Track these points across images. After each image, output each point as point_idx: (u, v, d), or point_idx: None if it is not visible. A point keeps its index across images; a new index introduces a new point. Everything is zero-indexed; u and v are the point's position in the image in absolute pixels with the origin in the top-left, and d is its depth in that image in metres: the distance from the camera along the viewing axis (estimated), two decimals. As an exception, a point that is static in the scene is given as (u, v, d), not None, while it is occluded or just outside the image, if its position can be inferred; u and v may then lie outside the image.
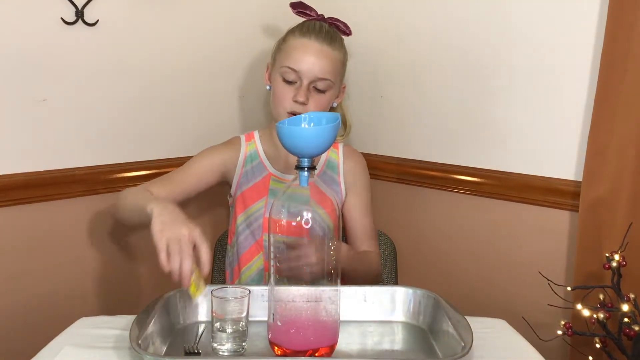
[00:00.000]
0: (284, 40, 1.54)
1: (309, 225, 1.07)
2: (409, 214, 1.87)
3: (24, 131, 1.51)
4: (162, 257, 1.15)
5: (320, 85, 1.49)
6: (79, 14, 1.54)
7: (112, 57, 1.62)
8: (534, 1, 1.57)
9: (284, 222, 1.08)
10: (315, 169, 1.09)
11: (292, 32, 1.54)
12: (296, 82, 1.49)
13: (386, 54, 1.85)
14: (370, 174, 1.65)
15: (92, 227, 1.65)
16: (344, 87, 1.60)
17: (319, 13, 1.57)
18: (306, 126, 1.12)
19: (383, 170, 1.88)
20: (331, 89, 1.52)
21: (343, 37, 1.57)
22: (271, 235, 1.09)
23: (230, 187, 1.59)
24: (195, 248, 1.17)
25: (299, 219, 1.08)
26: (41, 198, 1.54)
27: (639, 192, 1.44)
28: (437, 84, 1.77)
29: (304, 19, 1.56)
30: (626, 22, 1.40)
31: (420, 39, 1.78)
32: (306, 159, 1.08)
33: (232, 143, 1.61)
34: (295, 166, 1.08)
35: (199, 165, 1.55)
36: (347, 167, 1.59)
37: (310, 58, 1.48)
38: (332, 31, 1.54)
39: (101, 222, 1.66)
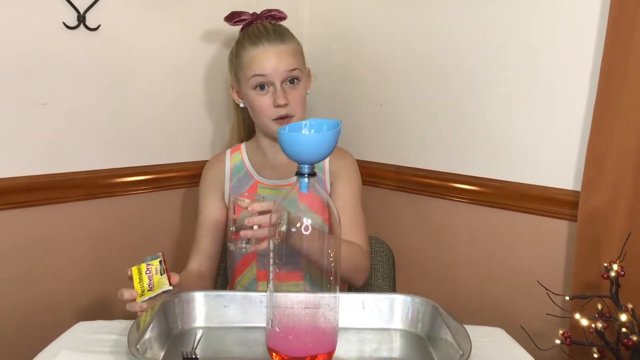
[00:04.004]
0: (237, 56, 1.54)
1: (309, 231, 1.07)
2: (407, 221, 1.87)
3: (24, 135, 1.51)
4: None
5: (292, 77, 1.51)
6: (81, 19, 1.55)
7: (113, 62, 1.62)
8: (534, 10, 1.58)
9: (282, 227, 1.08)
10: (316, 175, 1.09)
11: (241, 46, 1.53)
12: (270, 87, 1.50)
13: (385, 61, 1.86)
14: (369, 182, 1.64)
15: (92, 231, 1.65)
16: (309, 71, 1.60)
17: (251, 12, 1.58)
18: (307, 132, 1.12)
19: (382, 177, 1.88)
20: (302, 77, 1.54)
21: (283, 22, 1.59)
22: (270, 241, 1.09)
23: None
24: None
25: (298, 225, 1.08)
26: (41, 202, 1.54)
27: (637, 202, 1.44)
28: (436, 91, 1.77)
29: (242, 26, 1.58)
30: (626, 31, 1.40)
31: (419, 46, 1.79)
32: (306, 166, 1.08)
33: (216, 161, 1.63)
34: (296, 172, 1.08)
35: (207, 211, 1.57)
36: (333, 166, 1.57)
37: (272, 62, 1.49)
38: (277, 27, 1.55)
39: (100, 226, 1.66)
